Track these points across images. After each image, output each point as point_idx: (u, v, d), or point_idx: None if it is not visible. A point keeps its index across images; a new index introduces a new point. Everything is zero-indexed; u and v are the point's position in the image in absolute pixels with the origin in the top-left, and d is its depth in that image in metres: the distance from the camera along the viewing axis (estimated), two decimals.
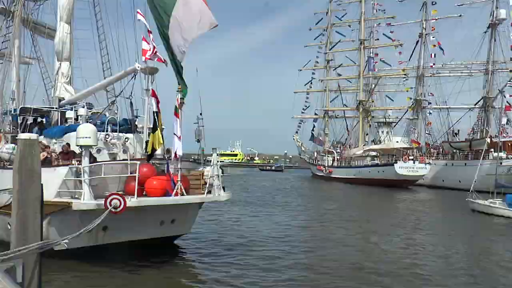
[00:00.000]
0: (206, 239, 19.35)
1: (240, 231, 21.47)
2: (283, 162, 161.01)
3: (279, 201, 36.61)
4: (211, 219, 24.91)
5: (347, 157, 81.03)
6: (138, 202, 13.37)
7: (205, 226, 22.30)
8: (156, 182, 14.31)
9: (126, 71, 16.83)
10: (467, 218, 30.06)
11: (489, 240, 22.24)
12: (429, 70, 78.59)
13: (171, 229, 16.27)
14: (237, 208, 31.00)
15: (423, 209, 34.98)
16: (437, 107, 77.72)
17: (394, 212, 32.45)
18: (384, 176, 64.28)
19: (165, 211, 15.21)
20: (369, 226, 24.79)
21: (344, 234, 22.12)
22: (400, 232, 23.21)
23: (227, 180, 41.75)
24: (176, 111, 14.58)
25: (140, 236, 15.17)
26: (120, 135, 17.87)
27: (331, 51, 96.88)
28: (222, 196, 15.64)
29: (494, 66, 71.21)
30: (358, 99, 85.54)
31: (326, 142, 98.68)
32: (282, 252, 17.33)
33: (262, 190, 48.40)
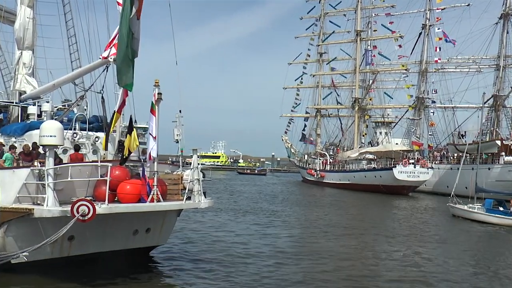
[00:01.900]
0: (184, 251, 19.20)
1: (223, 243, 21.36)
2: (271, 165, 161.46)
3: (265, 209, 36.56)
4: (190, 228, 24.74)
5: (341, 160, 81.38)
6: (109, 209, 13.21)
7: (184, 237, 22.14)
8: (129, 186, 14.18)
9: (97, 62, 16.71)
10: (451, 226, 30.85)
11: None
12: (433, 65, 79.22)
13: (145, 240, 16.17)
14: (220, 216, 30.90)
15: (423, 219, 35.33)
16: (441, 106, 78.34)
17: (392, 222, 32.60)
18: (382, 181, 64.63)
19: (139, 219, 15.12)
20: (363, 239, 24.91)
21: (337, 247, 22.17)
22: (396, 246, 23.31)
23: (209, 185, 41.84)
24: (153, 108, 14.50)
25: (111, 247, 15.04)
26: (90, 134, 17.75)
27: (324, 43, 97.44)
28: (203, 203, 15.54)
29: (506, 61, 71.76)
30: (353, 96, 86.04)
31: (318, 144, 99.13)
32: (269, 266, 17.28)
33: (246, 197, 48.38)
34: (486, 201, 34.21)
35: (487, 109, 72.79)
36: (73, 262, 14.36)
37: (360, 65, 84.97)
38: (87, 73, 17.91)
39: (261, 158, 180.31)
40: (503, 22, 71.07)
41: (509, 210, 32.51)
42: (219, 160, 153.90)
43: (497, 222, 32.07)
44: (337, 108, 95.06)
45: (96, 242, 14.59)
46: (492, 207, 33.31)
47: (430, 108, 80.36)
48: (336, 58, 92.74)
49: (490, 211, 33.19)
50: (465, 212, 34.79)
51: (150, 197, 14.30)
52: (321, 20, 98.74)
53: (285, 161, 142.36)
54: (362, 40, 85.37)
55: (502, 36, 71.24)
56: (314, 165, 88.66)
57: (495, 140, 63.90)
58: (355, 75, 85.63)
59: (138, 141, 14.80)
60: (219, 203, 37.24)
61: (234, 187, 64.81)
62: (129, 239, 15.56)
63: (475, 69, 74.62)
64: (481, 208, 33.93)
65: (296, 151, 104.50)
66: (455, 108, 76.28)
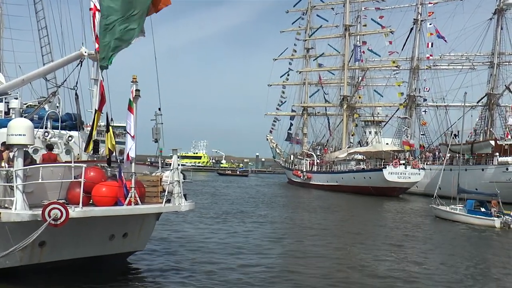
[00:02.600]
0: (164, 257, 19.06)
1: (205, 248, 21.25)
2: (255, 166, 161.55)
3: (249, 213, 36.51)
4: (170, 233, 24.59)
5: (329, 160, 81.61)
6: (83, 213, 13.08)
7: (164, 242, 21.99)
8: (105, 188, 14.07)
9: (70, 56, 16.51)
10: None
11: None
12: (424, 62, 79.80)
13: (122, 245, 16.01)
14: (202, 220, 30.79)
15: (406, 221, 35.81)
16: (433, 105, 78.86)
17: (377, 226, 32.76)
18: (371, 183, 64.91)
19: (116, 223, 14.96)
20: (347, 243, 24.97)
21: (324, 251, 22.18)
22: (374, 250, 23.41)
23: (190, 187, 41.49)
24: (130, 105, 14.40)
25: (86, 253, 14.88)
26: (63, 132, 17.54)
27: (311, 38, 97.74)
28: (183, 206, 15.47)
29: (500, 58, 72.37)
30: (342, 94, 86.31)
31: (304, 143, 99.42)
32: (254, 273, 17.20)
33: (230, 199, 48.30)
34: (468, 202, 35.66)
35: (481, 108, 73.40)
36: (45, 269, 14.12)
37: (348, 61, 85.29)
38: (59, 67, 17.65)
39: (244, 159, 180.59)
40: (497, 17, 71.67)
41: (490, 211, 33.92)
42: (200, 161, 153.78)
43: (478, 223, 33.46)
44: (325, 106, 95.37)
45: (69, 248, 14.39)
46: (474, 208, 34.80)
47: (421, 106, 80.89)
48: (324, 54, 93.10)
49: (471, 212, 34.68)
50: (447, 214, 36.36)
51: (127, 199, 14.18)
52: (308, 13, 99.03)
53: (270, 162, 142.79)
54: (351, 35, 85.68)
55: (496, 32, 71.85)
56: (301, 166, 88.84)
57: (489, 140, 64.48)
58: (343, 72, 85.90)
59: (114, 140, 14.66)
60: (200, 206, 37.11)
61: (217, 189, 64.70)
62: (105, 245, 15.38)
63: (468, 66, 75.25)
64: (463, 209, 35.43)
65: (282, 151, 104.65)
66: (447, 106, 76.78)
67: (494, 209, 33.85)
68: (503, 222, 32.43)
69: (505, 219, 32.53)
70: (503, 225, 32.33)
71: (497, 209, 33.95)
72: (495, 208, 34.00)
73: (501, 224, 32.39)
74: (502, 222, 32.43)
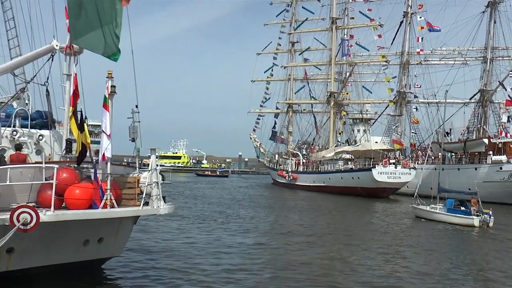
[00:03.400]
0: (142, 263, 18.97)
1: (186, 253, 21.22)
2: (237, 166, 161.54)
3: (232, 216, 36.52)
4: (149, 237, 24.52)
5: (315, 160, 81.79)
6: (55, 217, 12.99)
7: (142, 247, 21.90)
8: (79, 191, 13.98)
9: (40, 50, 16.37)
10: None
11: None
12: (415, 57, 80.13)
13: (98, 251, 15.91)
14: (182, 224, 30.73)
15: (387, 222, 36.54)
16: (424, 101, 79.33)
17: (362, 228, 33.10)
18: (360, 183, 65.17)
19: (91, 227, 14.85)
20: (332, 247, 25.20)
21: (309, 254, 22.30)
22: (358, 253, 23.69)
23: (169, 188, 41.35)
24: (106, 103, 14.31)
25: (58, 260, 14.73)
26: (33, 131, 17.38)
27: (297, 31, 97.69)
28: (162, 209, 15.42)
29: (494, 53, 72.96)
30: (328, 90, 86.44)
31: (289, 142, 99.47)
32: (239, 280, 17.18)
33: (212, 202, 48.27)
34: (448, 201, 37.34)
35: (474, 104, 73.97)
36: (13, 278, 13.98)
37: (336, 56, 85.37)
38: (29, 62, 17.52)
39: (227, 159, 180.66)
40: (490, 10, 72.27)
41: (469, 210, 35.43)
42: (180, 161, 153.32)
43: (458, 222, 35.12)
44: (311, 103, 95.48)
45: (40, 254, 14.25)
46: (454, 207, 36.43)
47: (412, 103, 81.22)
48: (310, 48, 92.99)
49: (451, 211, 36.28)
50: (427, 213, 38.01)
51: (102, 202, 14.09)
52: (293, 5, 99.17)
53: (254, 161, 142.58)
54: (338, 29, 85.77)
55: (489, 26, 72.38)
56: (286, 166, 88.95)
57: (482, 138, 65.03)
58: (330, 67, 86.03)
59: (89, 138, 14.57)
60: (180, 209, 37.05)
61: (198, 190, 64.58)
62: (79, 251, 15.27)
63: (460, 61, 75.77)
64: (443, 209, 37.06)
65: (266, 150, 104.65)
66: (439, 103, 77.08)
67: (473, 208, 35.46)
68: (482, 221, 34.24)
69: (483, 217, 34.34)
70: (482, 224, 34.11)
71: (477, 208, 35.56)
72: (474, 207, 35.58)
73: (480, 223, 34.16)
74: (481, 221, 34.23)
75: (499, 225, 35.14)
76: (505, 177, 56.31)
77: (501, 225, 35.79)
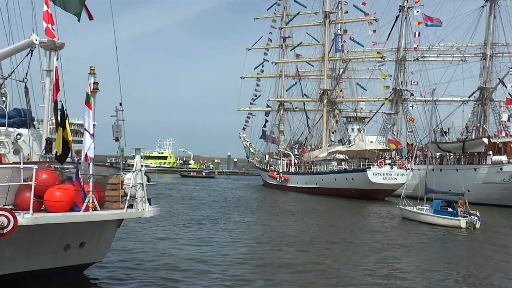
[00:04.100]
0: (126, 269, 18.89)
1: (172, 259, 21.18)
2: (226, 167, 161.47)
3: (221, 219, 36.51)
4: (133, 242, 24.46)
5: (308, 161, 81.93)
6: (34, 220, 12.89)
7: (126, 252, 21.84)
8: (59, 192, 13.88)
9: (19, 45, 16.25)
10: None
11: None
12: (411, 53, 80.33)
13: (79, 256, 15.84)
14: (168, 227, 30.67)
15: (373, 225, 37.14)
16: (421, 99, 79.35)
17: (349, 231, 33.26)
18: (354, 185, 65.31)
19: (72, 231, 14.78)
20: (320, 252, 25.33)
21: (299, 259, 22.36)
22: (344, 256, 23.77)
23: (154, 190, 41.21)
24: (88, 100, 14.24)
25: (37, 266, 14.65)
26: (10, 130, 17.24)
27: (288, 25, 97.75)
28: (147, 212, 15.37)
29: (494, 49, 73.18)
30: (321, 88, 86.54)
31: (281, 142, 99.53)
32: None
33: (199, 204, 48.30)
34: (434, 202, 38.06)
35: (473, 103, 74.20)
36: None
37: (329, 51, 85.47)
38: (6, 57, 17.34)
39: (215, 159, 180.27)
40: (489, 5, 72.50)
41: (456, 211, 36.13)
42: (166, 161, 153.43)
43: (444, 223, 35.89)
44: (303, 101, 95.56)
45: (17, 260, 14.19)
46: (441, 208, 37.14)
47: (409, 101, 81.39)
48: (302, 43, 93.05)
49: (437, 212, 37.00)
50: (414, 214, 38.81)
51: (84, 205, 14.00)
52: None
53: (243, 162, 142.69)
54: (332, 23, 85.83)
55: (489, 22, 72.59)
56: (277, 166, 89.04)
57: (481, 137, 65.27)
58: (323, 63, 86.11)
59: (71, 136, 14.49)
60: (166, 211, 36.99)
61: (185, 192, 64.49)
62: (59, 256, 15.19)
63: (459, 58, 75.96)
64: (429, 210, 37.75)
65: (256, 150, 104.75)
66: (437, 101, 77.29)
67: (460, 209, 36.13)
68: (469, 222, 34.86)
69: (470, 219, 34.96)
70: (469, 225, 34.74)
71: (464, 209, 36.30)
72: (461, 208, 36.26)
73: (467, 224, 34.80)
74: (468, 222, 34.84)
75: (486, 227, 36.02)
76: (506, 178, 56.56)
77: (488, 226, 36.73)
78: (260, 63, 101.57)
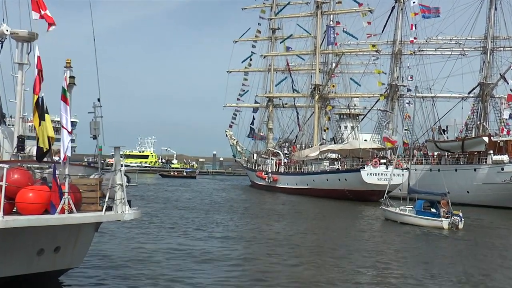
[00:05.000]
0: (104, 275, 18.87)
1: (154, 265, 21.19)
2: (211, 167, 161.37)
3: (205, 222, 36.54)
4: (112, 246, 24.47)
5: (298, 160, 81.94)
6: (5, 223, 12.84)
7: (104, 257, 21.81)
8: (32, 194, 13.78)
9: None
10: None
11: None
12: (408, 47, 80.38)
13: (54, 261, 15.76)
14: (150, 231, 30.68)
15: (356, 227, 37.73)
16: (419, 96, 79.37)
17: (354, 241, 33.30)
18: (347, 185, 65.43)
19: (46, 235, 14.71)
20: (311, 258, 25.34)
21: (289, 266, 22.45)
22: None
23: (135, 191, 41.06)
24: (64, 95, 14.13)
25: (8, 272, 14.58)
26: None
27: (278, 16, 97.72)
28: (127, 214, 15.32)
29: (495, 43, 73.36)
30: (313, 83, 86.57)
31: (269, 140, 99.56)
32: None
33: (183, 206, 48.34)
34: (417, 203, 39.14)
35: (473, 99, 74.43)
36: None
37: (321, 44, 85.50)
38: None
39: (200, 158, 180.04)
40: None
41: (438, 211, 37.54)
42: (147, 161, 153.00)
43: (426, 224, 37.13)
44: (293, 96, 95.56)
45: None
46: (423, 209, 38.17)
47: (405, 97, 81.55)
48: (292, 35, 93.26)
49: (420, 213, 38.05)
50: (396, 215, 39.92)
51: (59, 207, 13.95)
52: None
53: (230, 161, 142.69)
54: (324, 14, 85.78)
55: (490, 13, 72.71)
56: (265, 166, 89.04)
57: (481, 136, 65.47)
58: (314, 57, 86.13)
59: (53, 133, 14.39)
60: (147, 214, 36.92)
61: (168, 194, 64.42)
62: (32, 261, 15.11)
63: (458, 51, 76.08)
64: (412, 210, 38.80)
65: (243, 149, 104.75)
66: (435, 98, 77.57)
67: (443, 210, 37.21)
68: (451, 223, 36.07)
69: (453, 219, 36.18)
70: (451, 226, 35.97)
71: (446, 209, 37.52)
72: (444, 208, 37.36)
73: (449, 225, 36.02)
74: (450, 223, 36.09)
75: (470, 227, 37.25)
76: (507, 178, 56.74)
77: (472, 227, 38.05)
78: (248, 56, 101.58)
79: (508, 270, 23.75)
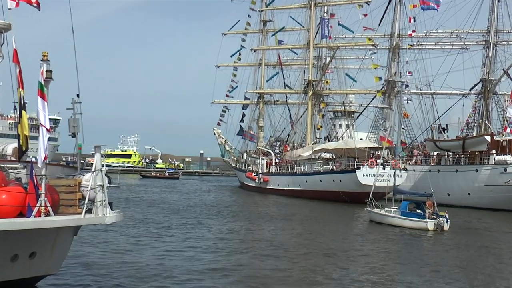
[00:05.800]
0: (83, 282, 18.81)
1: (136, 270, 21.16)
2: (198, 167, 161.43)
3: (191, 225, 36.60)
4: (92, 251, 24.42)
5: (290, 160, 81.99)
6: None
7: (83, 263, 21.76)
8: (5, 196, 13.76)
9: None
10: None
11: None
12: (406, 40, 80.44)
13: (29, 268, 15.72)
14: (132, 235, 30.73)
15: (339, 230, 38.39)
16: (417, 92, 79.76)
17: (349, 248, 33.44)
18: (342, 187, 65.58)
19: (20, 240, 14.64)
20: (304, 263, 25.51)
21: (279, 271, 22.46)
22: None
23: (117, 193, 40.91)
24: (42, 90, 14.01)
25: None
26: None
27: (269, 8, 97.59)
28: (108, 217, 15.31)
29: (498, 37, 73.54)
30: (306, 78, 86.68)
31: (260, 139, 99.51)
32: None
33: (168, 208, 48.44)
34: (402, 204, 40.09)
35: (475, 96, 74.58)
36: None
37: (314, 38, 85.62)
38: None
39: (186, 158, 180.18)
40: None
41: (424, 212, 38.44)
42: (130, 161, 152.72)
43: (411, 225, 38.15)
44: (285, 93, 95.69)
45: None
46: (409, 210, 39.08)
47: (403, 94, 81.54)
48: (284, 28, 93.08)
49: (405, 214, 38.92)
50: (381, 217, 41.06)
51: (35, 209, 13.86)
52: None
53: (218, 161, 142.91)
54: (318, 6, 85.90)
55: (493, 6, 72.88)
56: (255, 166, 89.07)
57: (483, 135, 65.60)
58: (308, 51, 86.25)
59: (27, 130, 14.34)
60: (130, 217, 36.85)
61: (153, 195, 64.41)
62: (6, 268, 15.05)
63: (459, 46, 76.21)
64: (397, 212, 39.56)
65: (232, 148, 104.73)
66: (434, 94, 77.67)
67: (428, 211, 38.08)
68: (436, 224, 37.15)
69: (438, 220, 37.22)
70: (436, 228, 37.06)
71: (432, 210, 38.56)
72: (429, 209, 38.22)
73: (435, 227, 37.11)
74: (435, 225, 37.17)
75: (455, 229, 38.02)
76: (510, 180, 56.82)
77: (457, 228, 38.83)
78: (238, 50, 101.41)
79: (490, 276, 23.57)
